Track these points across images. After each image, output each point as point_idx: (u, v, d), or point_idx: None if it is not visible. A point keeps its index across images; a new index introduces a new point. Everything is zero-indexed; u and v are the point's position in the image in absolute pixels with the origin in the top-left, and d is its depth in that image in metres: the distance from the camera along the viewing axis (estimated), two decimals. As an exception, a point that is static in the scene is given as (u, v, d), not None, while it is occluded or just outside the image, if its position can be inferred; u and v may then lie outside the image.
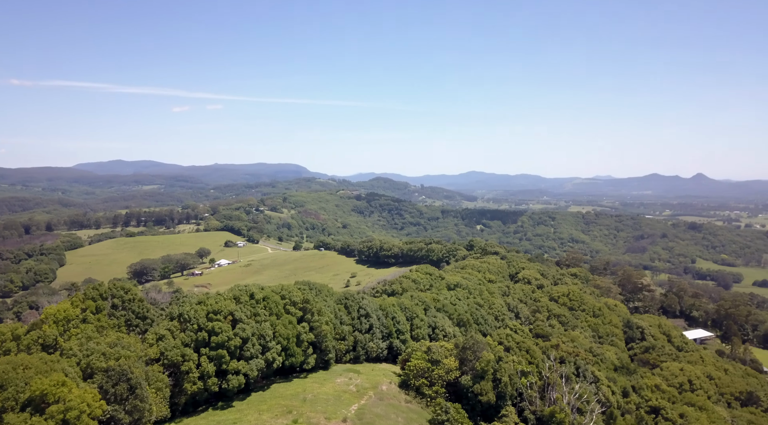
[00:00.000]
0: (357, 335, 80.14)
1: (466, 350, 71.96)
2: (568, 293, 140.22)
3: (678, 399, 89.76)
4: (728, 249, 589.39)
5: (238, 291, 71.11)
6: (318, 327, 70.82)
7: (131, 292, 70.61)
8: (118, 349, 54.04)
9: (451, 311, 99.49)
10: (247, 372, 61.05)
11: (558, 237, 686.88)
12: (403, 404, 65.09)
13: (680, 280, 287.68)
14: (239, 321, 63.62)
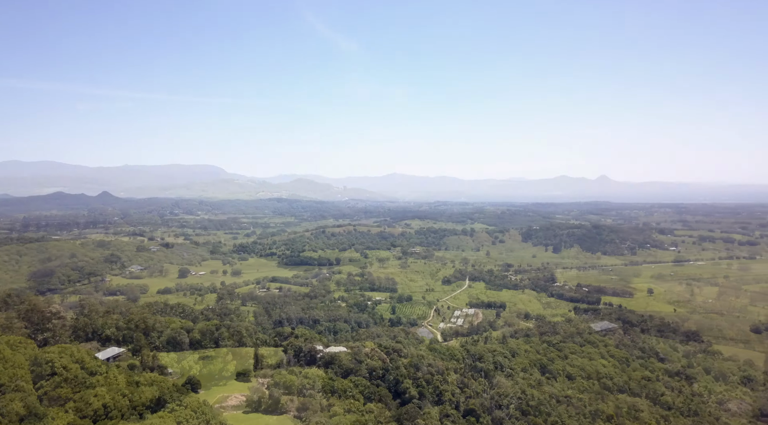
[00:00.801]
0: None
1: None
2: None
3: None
4: (135, 263, 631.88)
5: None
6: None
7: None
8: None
9: None
10: None
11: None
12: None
13: (90, 299, 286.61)
14: None
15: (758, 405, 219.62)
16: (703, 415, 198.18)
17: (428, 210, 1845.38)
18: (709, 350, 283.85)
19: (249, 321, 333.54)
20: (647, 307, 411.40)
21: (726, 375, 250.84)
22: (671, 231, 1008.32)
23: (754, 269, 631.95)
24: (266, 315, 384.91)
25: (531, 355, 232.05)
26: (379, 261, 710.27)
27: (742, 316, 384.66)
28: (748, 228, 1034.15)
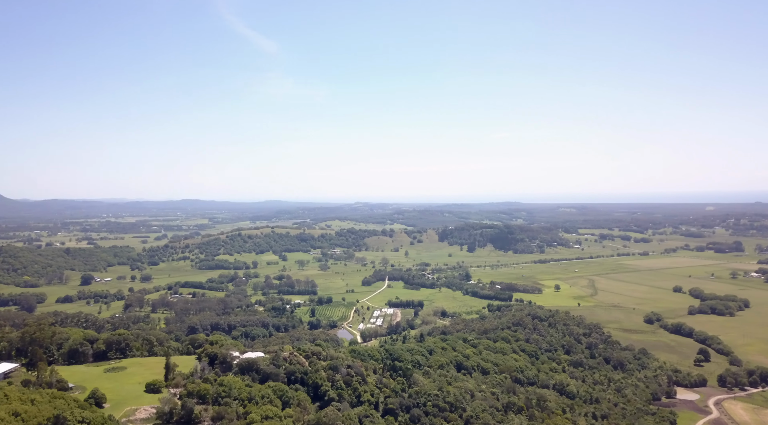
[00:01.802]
0: None
1: None
2: None
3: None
4: (30, 270, 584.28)
5: None
6: None
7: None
8: None
9: None
10: None
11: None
12: None
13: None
14: None
15: (651, 390, 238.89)
16: (603, 402, 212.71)
17: (349, 211, 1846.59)
18: (610, 341, 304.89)
19: (160, 329, 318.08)
20: (554, 302, 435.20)
21: (623, 364, 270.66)
22: (575, 229, 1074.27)
23: (646, 264, 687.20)
24: (179, 321, 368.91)
25: (448, 353, 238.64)
26: (298, 264, 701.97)
27: (638, 309, 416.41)
28: (641, 227, 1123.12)
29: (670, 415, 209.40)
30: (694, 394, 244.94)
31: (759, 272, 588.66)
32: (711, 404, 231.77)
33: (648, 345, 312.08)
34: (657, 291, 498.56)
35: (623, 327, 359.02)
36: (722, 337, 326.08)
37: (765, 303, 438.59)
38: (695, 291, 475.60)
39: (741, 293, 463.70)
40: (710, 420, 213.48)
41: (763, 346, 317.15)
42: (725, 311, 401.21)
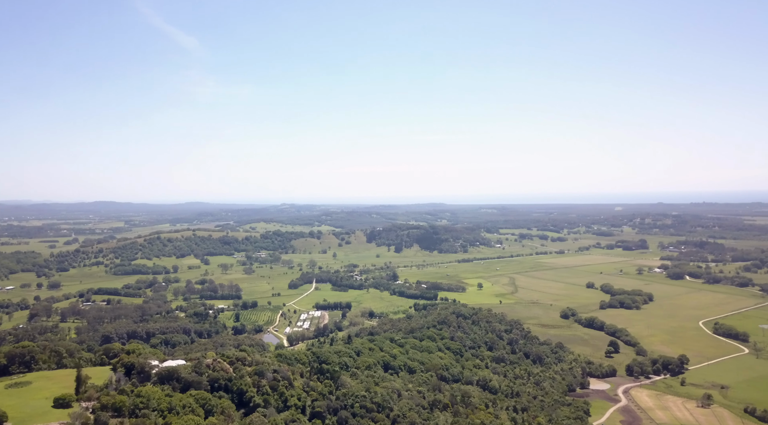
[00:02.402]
0: None
1: None
2: None
3: None
4: None
5: None
6: None
7: None
8: None
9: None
10: None
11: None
12: None
13: None
14: None
15: (567, 382, 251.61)
16: (523, 395, 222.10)
17: (275, 212, 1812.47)
18: (529, 336, 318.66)
19: (71, 340, 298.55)
20: (477, 300, 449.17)
21: (542, 358, 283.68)
22: (497, 229, 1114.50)
23: (562, 262, 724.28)
24: (92, 331, 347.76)
25: (375, 353, 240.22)
26: (221, 268, 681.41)
27: (555, 305, 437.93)
28: (557, 226, 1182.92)
29: (584, 405, 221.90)
30: (605, 384, 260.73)
31: (661, 268, 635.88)
32: (620, 392, 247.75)
33: (564, 339, 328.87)
34: (572, 288, 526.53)
35: (542, 323, 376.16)
36: (630, 329, 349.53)
37: (667, 296, 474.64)
38: (606, 286, 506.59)
39: (646, 287, 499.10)
40: (619, 408, 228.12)
41: (665, 337, 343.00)
42: (632, 305, 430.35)
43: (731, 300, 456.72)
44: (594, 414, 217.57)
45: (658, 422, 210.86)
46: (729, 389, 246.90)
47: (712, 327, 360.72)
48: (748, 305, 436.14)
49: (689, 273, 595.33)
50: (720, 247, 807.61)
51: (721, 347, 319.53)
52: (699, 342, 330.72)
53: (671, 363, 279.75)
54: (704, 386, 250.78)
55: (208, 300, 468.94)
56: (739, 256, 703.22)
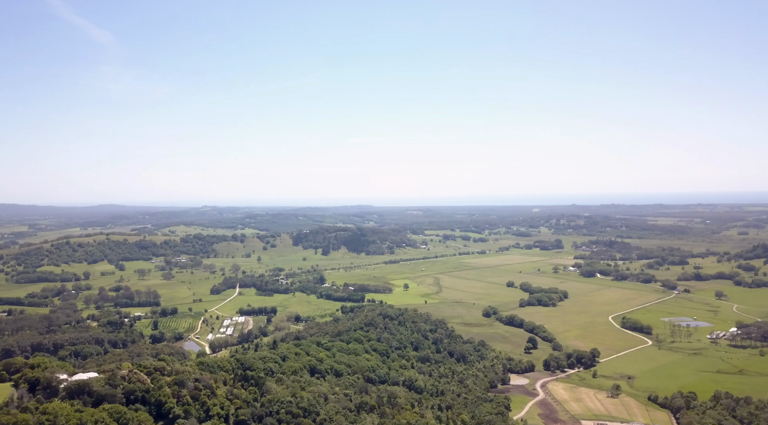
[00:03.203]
0: None
1: None
2: None
3: None
4: None
5: None
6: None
7: None
8: None
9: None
10: None
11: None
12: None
13: None
14: None
15: (489, 379, 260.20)
16: (447, 394, 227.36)
17: (196, 215, 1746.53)
18: (453, 335, 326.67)
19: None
20: (404, 301, 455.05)
21: (465, 356, 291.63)
22: (422, 231, 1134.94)
23: (484, 262, 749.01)
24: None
25: (301, 357, 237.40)
26: (138, 274, 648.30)
27: (477, 303, 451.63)
28: (479, 227, 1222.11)
29: (505, 400, 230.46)
30: (524, 379, 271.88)
31: (575, 266, 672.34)
32: (538, 386, 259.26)
33: (486, 337, 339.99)
34: (493, 287, 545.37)
35: (465, 322, 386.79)
36: (547, 326, 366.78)
37: (580, 293, 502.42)
38: (525, 285, 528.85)
39: (561, 285, 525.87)
40: (537, 401, 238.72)
41: (579, 332, 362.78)
42: (549, 302, 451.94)
43: (637, 295, 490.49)
44: (514, 408, 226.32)
45: (573, 413, 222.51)
46: (635, 379, 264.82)
47: (620, 321, 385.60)
48: (652, 300, 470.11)
49: (600, 271, 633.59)
50: (627, 246, 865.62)
51: (628, 340, 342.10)
52: (609, 336, 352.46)
53: (584, 356, 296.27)
54: (613, 377, 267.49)
55: (124, 308, 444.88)
56: (644, 254, 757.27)
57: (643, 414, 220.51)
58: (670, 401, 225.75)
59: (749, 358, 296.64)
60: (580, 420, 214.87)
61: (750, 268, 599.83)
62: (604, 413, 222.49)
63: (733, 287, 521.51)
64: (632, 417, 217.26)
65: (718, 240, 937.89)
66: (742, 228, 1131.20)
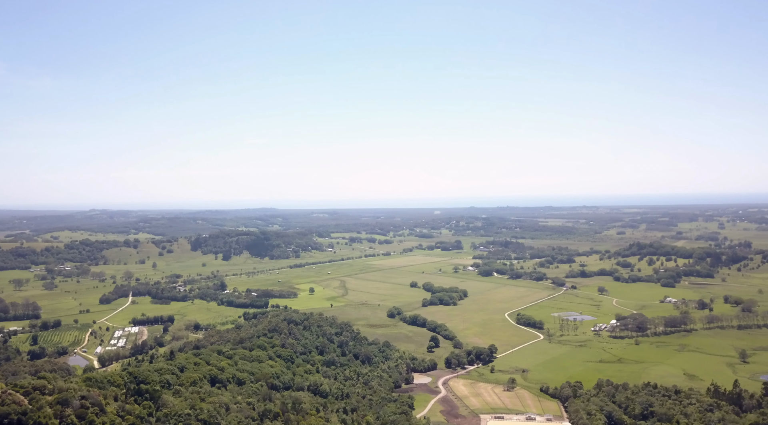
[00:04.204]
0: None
1: None
2: None
3: None
4: None
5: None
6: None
7: None
8: None
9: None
10: None
11: None
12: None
13: None
14: None
15: (393, 379, 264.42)
16: (353, 396, 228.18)
17: (83, 219, 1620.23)
18: (358, 337, 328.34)
19: None
20: (309, 305, 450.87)
21: (370, 357, 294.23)
22: (328, 234, 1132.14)
23: (389, 263, 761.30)
24: None
25: (201, 367, 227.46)
26: (14, 284, 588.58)
27: (382, 305, 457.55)
28: (384, 229, 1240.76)
29: (409, 399, 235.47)
30: (427, 377, 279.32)
31: (474, 266, 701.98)
32: (440, 384, 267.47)
33: (391, 337, 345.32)
34: (398, 288, 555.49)
35: (370, 323, 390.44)
36: (448, 324, 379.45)
37: (479, 292, 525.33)
38: (427, 285, 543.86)
39: (461, 284, 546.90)
40: (439, 399, 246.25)
41: (478, 329, 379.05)
42: (450, 301, 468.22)
43: (530, 292, 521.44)
44: (418, 407, 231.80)
45: (472, 408, 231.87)
46: (529, 372, 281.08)
47: (515, 318, 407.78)
48: (543, 296, 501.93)
49: (496, 270, 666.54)
50: (521, 246, 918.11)
51: (522, 335, 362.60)
52: (505, 332, 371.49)
53: (483, 353, 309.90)
54: (509, 371, 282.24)
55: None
56: (536, 253, 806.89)
57: (536, 405, 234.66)
58: (559, 391, 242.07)
59: (626, 348, 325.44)
60: (479, 414, 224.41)
61: (627, 265, 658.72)
62: (501, 406, 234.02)
63: (613, 283, 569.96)
64: (526, 408, 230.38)
65: (600, 239, 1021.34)
66: (620, 228, 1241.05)
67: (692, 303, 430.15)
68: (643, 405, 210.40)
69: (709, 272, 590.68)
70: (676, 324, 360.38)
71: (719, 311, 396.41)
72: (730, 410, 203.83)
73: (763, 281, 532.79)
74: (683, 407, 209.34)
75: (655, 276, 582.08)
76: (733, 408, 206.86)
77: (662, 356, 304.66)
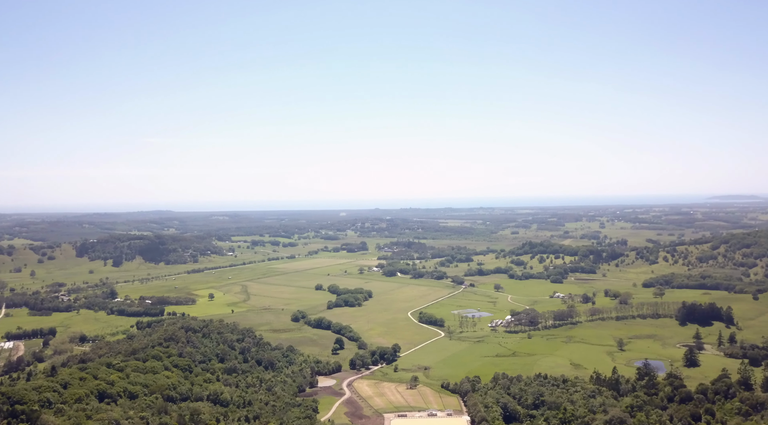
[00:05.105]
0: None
1: None
2: None
3: None
4: None
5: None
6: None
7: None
8: None
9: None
10: None
11: None
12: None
13: None
14: None
15: (297, 384, 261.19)
16: (255, 403, 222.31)
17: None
18: (261, 343, 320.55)
19: None
20: (209, 312, 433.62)
21: (274, 363, 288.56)
22: (229, 237, 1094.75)
23: (293, 267, 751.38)
24: None
25: (88, 382, 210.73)
26: None
27: (286, 309, 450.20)
28: (288, 232, 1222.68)
29: (313, 403, 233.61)
30: (332, 380, 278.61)
31: (378, 266, 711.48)
32: (345, 386, 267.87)
33: (295, 341, 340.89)
34: (302, 291, 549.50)
35: (273, 328, 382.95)
36: (353, 326, 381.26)
37: (383, 292, 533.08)
38: (333, 287, 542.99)
39: (366, 285, 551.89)
40: (344, 400, 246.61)
41: (382, 329, 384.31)
42: (355, 302, 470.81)
43: (432, 291, 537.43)
44: (322, 410, 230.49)
45: (376, 408, 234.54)
46: (431, 369, 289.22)
47: (418, 316, 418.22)
48: (444, 295, 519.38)
49: (400, 270, 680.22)
50: (423, 246, 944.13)
51: (424, 333, 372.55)
52: (408, 331, 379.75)
53: (387, 352, 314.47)
54: (412, 369, 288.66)
55: None
56: (437, 253, 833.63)
57: (437, 401, 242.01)
58: (459, 386, 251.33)
59: (520, 341, 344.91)
60: (383, 414, 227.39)
61: (520, 263, 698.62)
62: (404, 404, 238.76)
63: (508, 280, 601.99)
64: (428, 404, 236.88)
65: (495, 239, 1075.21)
66: (514, 228, 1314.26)
67: (577, 298, 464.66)
68: (535, 395, 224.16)
69: (591, 268, 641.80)
70: (563, 317, 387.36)
71: (600, 304, 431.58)
72: (610, 395, 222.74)
73: (636, 275, 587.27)
74: (570, 395, 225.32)
75: (546, 273, 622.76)
76: (612, 393, 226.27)
77: (552, 348, 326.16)
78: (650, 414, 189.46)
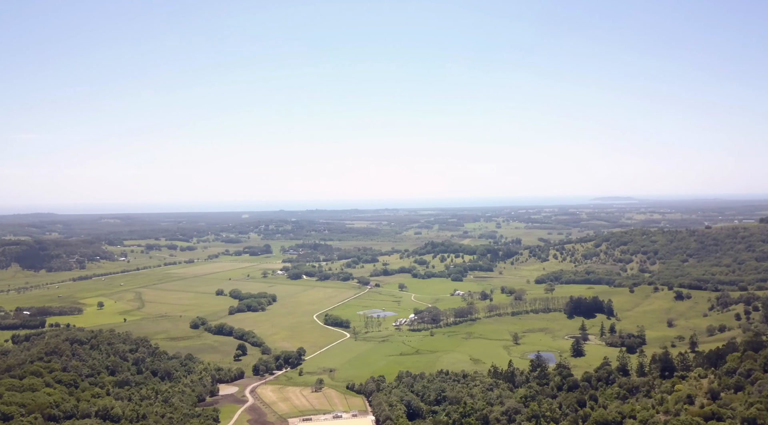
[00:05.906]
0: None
1: None
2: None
3: None
4: None
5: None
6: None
7: None
8: None
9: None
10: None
11: None
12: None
13: None
14: None
15: (197, 393, 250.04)
16: (150, 416, 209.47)
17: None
18: (157, 352, 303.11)
19: None
20: (98, 322, 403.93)
21: (171, 373, 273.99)
22: (120, 241, 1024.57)
23: (192, 271, 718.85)
24: None
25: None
26: None
27: (185, 316, 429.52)
28: (187, 235, 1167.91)
29: (213, 412, 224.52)
30: (234, 387, 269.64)
31: (283, 270, 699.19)
32: (248, 393, 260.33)
33: (194, 349, 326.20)
34: (202, 297, 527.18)
35: (171, 336, 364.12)
36: (256, 331, 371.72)
37: (288, 295, 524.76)
38: (234, 292, 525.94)
39: (270, 289, 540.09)
40: (247, 408, 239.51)
41: (287, 333, 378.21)
42: (258, 307, 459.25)
43: (338, 293, 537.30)
44: (223, 419, 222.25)
45: (280, 413, 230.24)
46: (336, 371, 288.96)
47: (323, 318, 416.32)
48: (350, 296, 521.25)
49: (306, 272, 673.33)
50: (329, 248, 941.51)
51: (330, 335, 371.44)
52: (313, 333, 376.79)
53: (291, 356, 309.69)
54: (317, 372, 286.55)
55: None
56: (343, 255, 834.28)
57: (342, 403, 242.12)
58: (364, 386, 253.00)
59: (423, 339, 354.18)
60: (287, 419, 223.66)
61: (423, 262, 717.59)
62: (309, 408, 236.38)
63: (412, 279, 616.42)
64: (333, 407, 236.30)
65: (400, 239, 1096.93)
66: (417, 228, 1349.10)
67: (476, 295, 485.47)
68: (437, 391, 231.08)
69: (489, 266, 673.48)
70: (463, 314, 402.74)
71: (497, 300, 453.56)
72: (506, 387, 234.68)
73: (530, 272, 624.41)
74: (470, 389, 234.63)
75: (447, 272, 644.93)
76: (508, 385, 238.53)
77: (453, 344, 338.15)
78: (542, 403, 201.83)
